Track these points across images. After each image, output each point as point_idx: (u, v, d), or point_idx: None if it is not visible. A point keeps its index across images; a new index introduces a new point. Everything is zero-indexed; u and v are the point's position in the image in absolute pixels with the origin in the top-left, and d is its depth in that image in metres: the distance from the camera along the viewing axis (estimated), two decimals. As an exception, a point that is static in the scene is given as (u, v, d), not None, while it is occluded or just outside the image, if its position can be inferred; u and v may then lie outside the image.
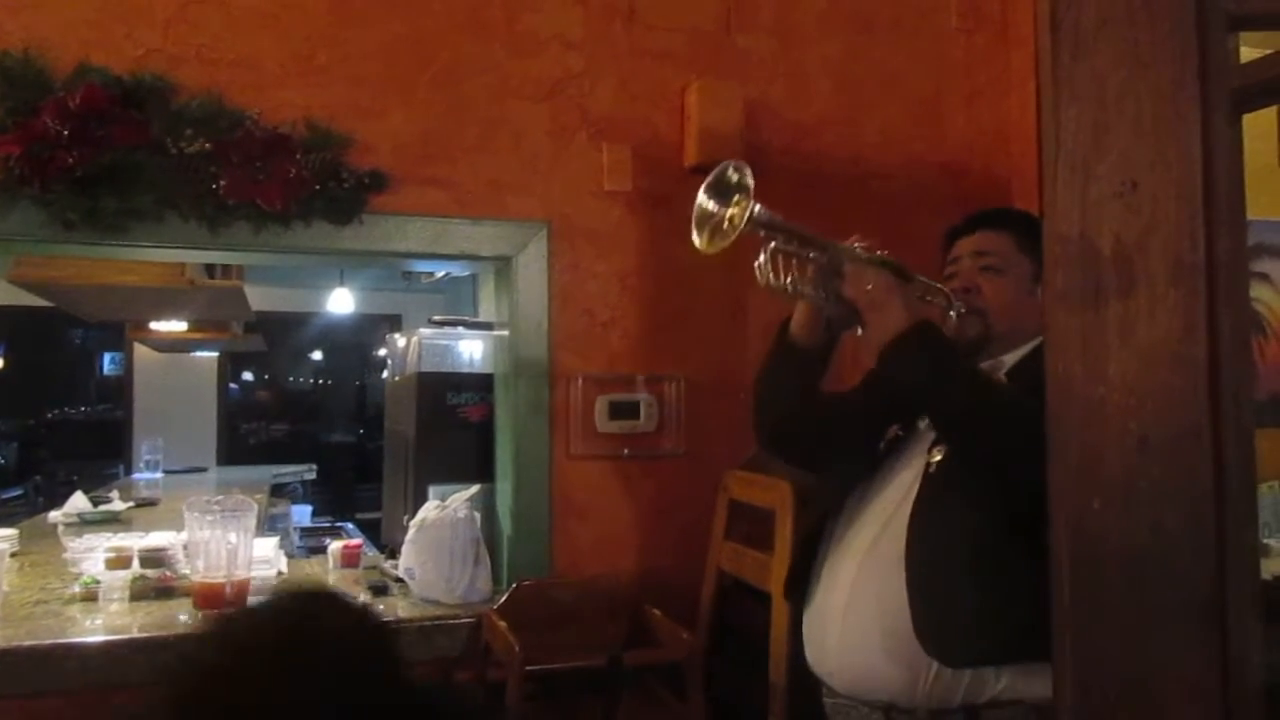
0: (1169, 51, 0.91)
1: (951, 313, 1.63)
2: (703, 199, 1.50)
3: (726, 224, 1.46)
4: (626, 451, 2.57)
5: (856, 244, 1.57)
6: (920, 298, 1.59)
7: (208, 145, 2.20)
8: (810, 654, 1.63)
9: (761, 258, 1.51)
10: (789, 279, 1.53)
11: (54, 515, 3.68)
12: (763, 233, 1.49)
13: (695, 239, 1.49)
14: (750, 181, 1.44)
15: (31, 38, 2.13)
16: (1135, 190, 0.91)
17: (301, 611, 1.04)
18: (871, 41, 2.85)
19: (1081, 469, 0.91)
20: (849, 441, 1.73)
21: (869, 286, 1.50)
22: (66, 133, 2.08)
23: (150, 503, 4.31)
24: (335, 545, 2.83)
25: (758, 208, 1.43)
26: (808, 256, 1.54)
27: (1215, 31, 0.93)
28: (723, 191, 1.48)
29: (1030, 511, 1.02)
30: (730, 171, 1.48)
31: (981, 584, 1.44)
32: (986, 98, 2.95)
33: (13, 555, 2.91)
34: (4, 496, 6.81)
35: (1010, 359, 1.64)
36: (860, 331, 1.55)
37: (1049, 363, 0.93)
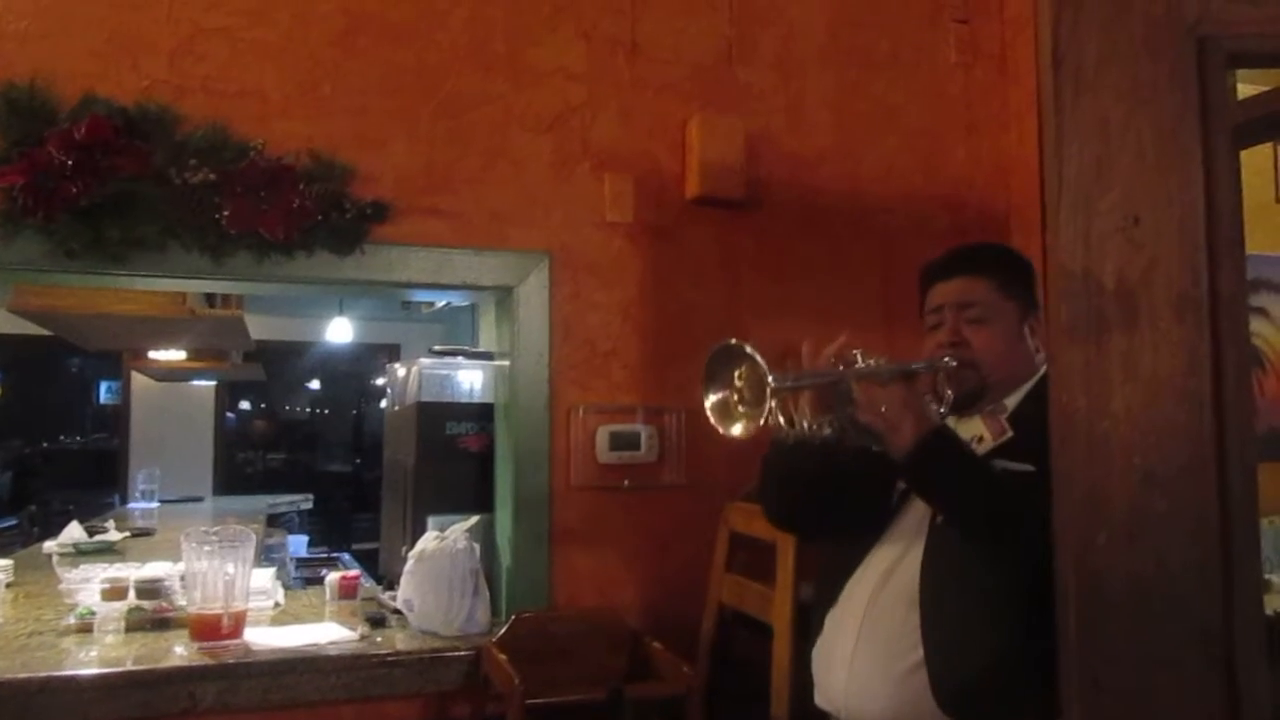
0: (1170, 88, 0.92)
1: (947, 360, 1.63)
2: (710, 399, 1.47)
3: (741, 403, 1.44)
4: (627, 482, 2.56)
5: (856, 353, 1.55)
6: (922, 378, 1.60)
7: (211, 175, 2.21)
8: (818, 692, 1.68)
9: (775, 412, 1.50)
10: (804, 423, 1.54)
11: (49, 545, 3.66)
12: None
13: (729, 432, 1.46)
14: (756, 354, 1.40)
15: (38, 69, 2.15)
16: (1138, 225, 0.92)
17: None
18: (871, 75, 2.88)
19: (1087, 503, 0.91)
20: (856, 513, 1.72)
21: (883, 409, 1.50)
22: (71, 163, 2.09)
23: (146, 533, 4.29)
24: (333, 576, 2.81)
25: (773, 381, 1.39)
26: (812, 389, 1.54)
27: (1215, 69, 0.93)
28: (715, 374, 1.47)
29: (1039, 573, 1.03)
30: (720, 352, 1.46)
31: (993, 648, 1.47)
32: (985, 132, 2.97)
33: (7, 585, 2.90)
34: (-1, 526, 6.76)
35: (1011, 402, 1.66)
36: (875, 446, 1.56)
37: (1053, 397, 0.94)
